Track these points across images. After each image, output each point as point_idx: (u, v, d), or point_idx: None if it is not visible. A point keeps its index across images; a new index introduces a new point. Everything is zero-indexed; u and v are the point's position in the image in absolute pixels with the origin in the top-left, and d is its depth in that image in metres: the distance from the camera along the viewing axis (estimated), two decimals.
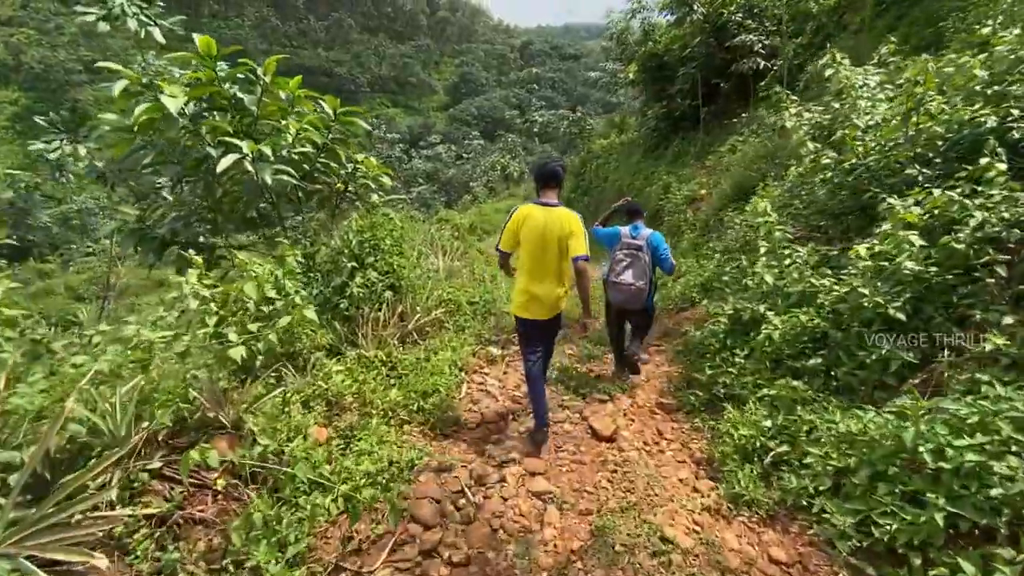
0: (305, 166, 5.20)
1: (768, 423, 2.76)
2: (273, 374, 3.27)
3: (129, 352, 2.67)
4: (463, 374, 4.17)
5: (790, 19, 12.79)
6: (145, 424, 2.36)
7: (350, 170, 5.82)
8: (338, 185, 5.94)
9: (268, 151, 4.32)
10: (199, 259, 3.21)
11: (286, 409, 2.87)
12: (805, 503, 2.46)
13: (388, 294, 4.26)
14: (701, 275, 6.05)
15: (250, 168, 4.62)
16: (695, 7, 13.08)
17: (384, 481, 2.64)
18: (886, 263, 2.86)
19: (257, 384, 3.06)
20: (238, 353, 2.86)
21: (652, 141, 17.74)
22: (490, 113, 73.44)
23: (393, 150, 28.66)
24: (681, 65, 14.52)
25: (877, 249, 2.89)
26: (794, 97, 5.39)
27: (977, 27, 4.39)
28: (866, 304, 2.76)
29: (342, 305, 4.10)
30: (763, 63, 11.63)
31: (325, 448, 2.75)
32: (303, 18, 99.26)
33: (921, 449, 2.09)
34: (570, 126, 29.08)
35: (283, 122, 5.01)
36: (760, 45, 11.77)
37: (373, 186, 5.96)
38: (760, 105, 11.98)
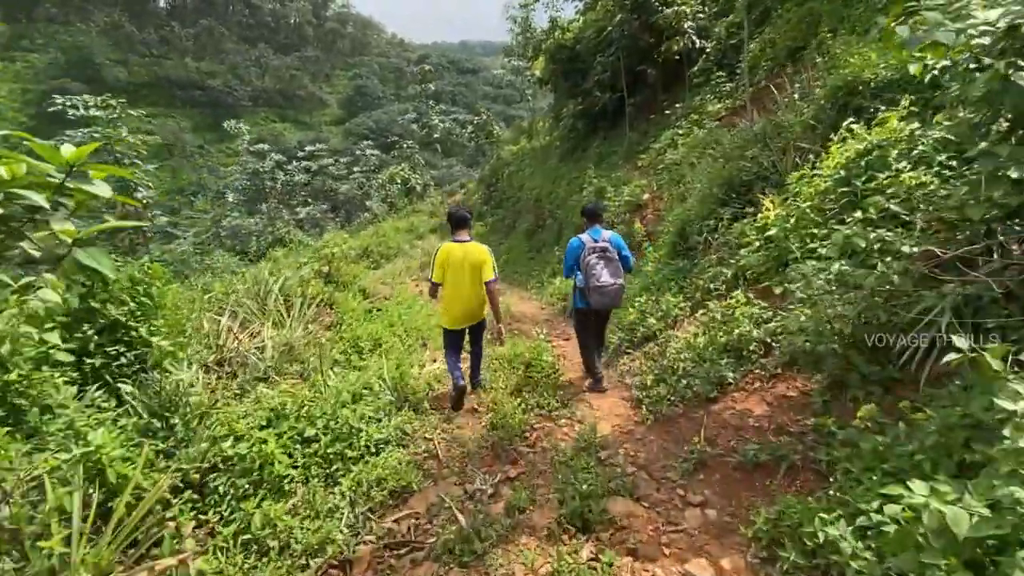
0: None
1: None
2: None
3: None
4: None
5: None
6: None
7: None
8: None
9: None
10: None
11: None
12: None
13: None
14: (726, 332, 3.54)
15: None
16: None
17: None
18: None
19: None
20: None
21: (569, 143, 15.72)
22: (389, 127, 68.92)
23: (262, 163, 23.80)
24: (597, 54, 12.56)
25: None
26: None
27: None
28: None
29: None
30: (698, 42, 9.85)
31: None
32: (165, 25, 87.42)
33: None
34: (476, 131, 26.60)
35: None
36: (689, 22, 10.02)
37: (44, 203, 2.66)
38: (697, 92, 10.21)
